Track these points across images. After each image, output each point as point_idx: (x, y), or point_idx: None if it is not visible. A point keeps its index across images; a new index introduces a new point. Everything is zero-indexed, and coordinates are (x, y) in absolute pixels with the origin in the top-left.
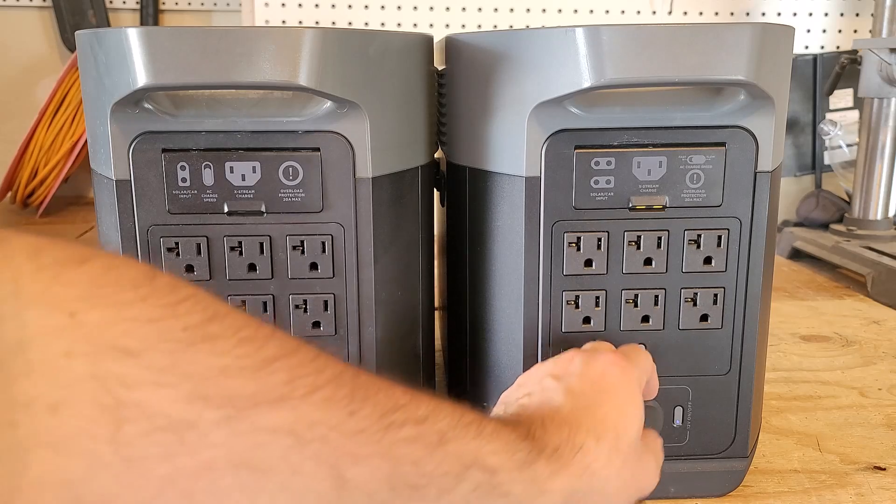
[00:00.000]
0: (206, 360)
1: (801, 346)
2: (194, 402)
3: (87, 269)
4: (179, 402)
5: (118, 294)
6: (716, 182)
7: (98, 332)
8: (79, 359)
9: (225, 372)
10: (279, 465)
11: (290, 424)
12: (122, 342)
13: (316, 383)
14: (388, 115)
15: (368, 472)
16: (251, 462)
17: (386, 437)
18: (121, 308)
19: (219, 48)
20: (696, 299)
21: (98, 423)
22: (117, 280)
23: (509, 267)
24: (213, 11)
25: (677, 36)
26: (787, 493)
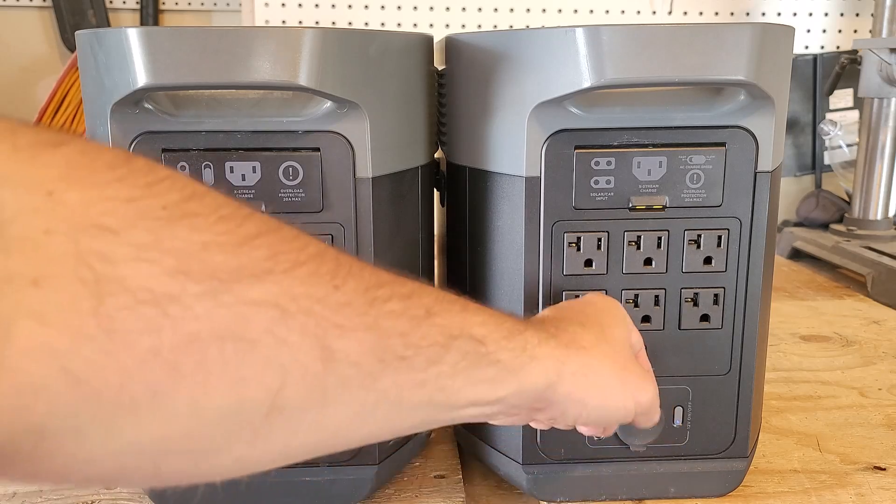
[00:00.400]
0: (187, 236)
1: (801, 346)
2: (176, 277)
3: (64, 151)
4: (162, 277)
5: (95, 175)
6: (716, 182)
7: (77, 210)
8: (59, 236)
9: (206, 248)
10: (264, 337)
11: (274, 297)
12: (102, 220)
13: (298, 259)
14: (388, 115)
15: (355, 343)
16: (235, 334)
17: (371, 310)
18: (99, 188)
19: (219, 48)
20: (697, 299)
21: (81, 297)
22: (93, 162)
23: (509, 267)
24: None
25: (677, 36)
26: (787, 493)
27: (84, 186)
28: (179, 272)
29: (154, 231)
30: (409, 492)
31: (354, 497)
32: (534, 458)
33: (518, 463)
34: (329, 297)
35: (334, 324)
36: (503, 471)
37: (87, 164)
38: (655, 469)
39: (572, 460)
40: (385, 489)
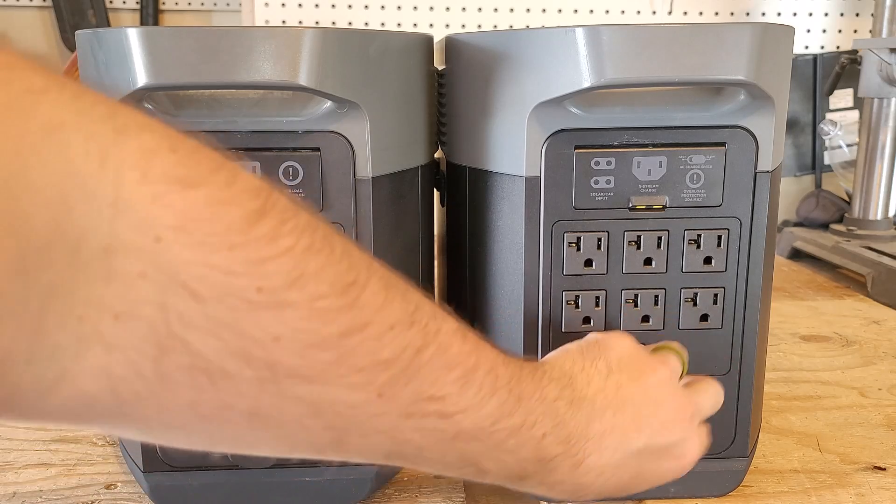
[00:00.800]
0: (267, 327)
1: (801, 346)
2: (238, 358)
3: (191, 197)
4: (224, 355)
5: (210, 236)
6: (716, 182)
7: (176, 266)
8: (151, 284)
9: (278, 341)
10: (292, 424)
11: (317, 400)
12: (194, 286)
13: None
14: (388, 115)
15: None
16: (268, 416)
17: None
18: (206, 251)
19: (219, 48)
20: (696, 299)
21: (149, 343)
22: (216, 217)
23: (509, 267)
24: (213, 11)
25: (677, 36)
26: (787, 493)
27: (192, 245)
28: (243, 355)
29: (238, 312)
30: (409, 492)
31: (354, 497)
32: None
33: None
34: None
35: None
36: None
37: (207, 218)
38: None
39: None
40: (385, 489)
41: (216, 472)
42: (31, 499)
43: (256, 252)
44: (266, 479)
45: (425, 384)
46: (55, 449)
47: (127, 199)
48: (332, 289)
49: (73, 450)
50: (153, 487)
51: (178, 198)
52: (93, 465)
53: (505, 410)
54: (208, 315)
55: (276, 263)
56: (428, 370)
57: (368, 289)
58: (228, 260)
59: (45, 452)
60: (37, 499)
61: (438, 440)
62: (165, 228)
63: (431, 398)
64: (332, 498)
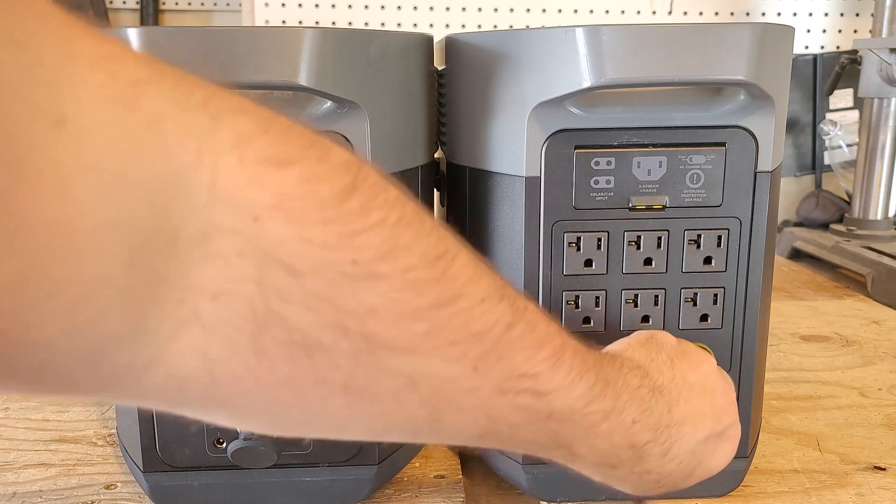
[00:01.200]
0: (363, 298)
1: (801, 346)
2: (334, 331)
3: (286, 176)
4: (322, 328)
5: (305, 212)
6: (716, 182)
7: (274, 244)
8: (249, 262)
9: (374, 313)
10: (387, 399)
11: (412, 371)
12: (292, 261)
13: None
14: (388, 115)
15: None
16: (364, 390)
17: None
18: (302, 227)
19: (219, 48)
20: (696, 299)
21: (247, 321)
22: (309, 195)
23: (509, 267)
24: (213, 11)
25: (677, 36)
26: (787, 493)
27: (289, 221)
28: (339, 327)
29: (334, 284)
30: (409, 492)
31: (354, 497)
32: (534, 458)
33: (518, 463)
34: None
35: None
36: (503, 471)
37: (302, 195)
38: None
39: None
40: (385, 489)
41: (216, 472)
42: (31, 499)
43: (349, 225)
44: (266, 479)
45: (517, 360)
46: (55, 449)
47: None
48: (423, 261)
49: (73, 450)
50: (153, 487)
51: (273, 177)
52: (93, 466)
53: (595, 393)
54: (305, 289)
55: (369, 236)
56: (519, 346)
57: (458, 262)
58: (323, 234)
59: (45, 452)
60: (37, 499)
61: (532, 419)
62: (262, 208)
63: (524, 375)
64: (332, 498)
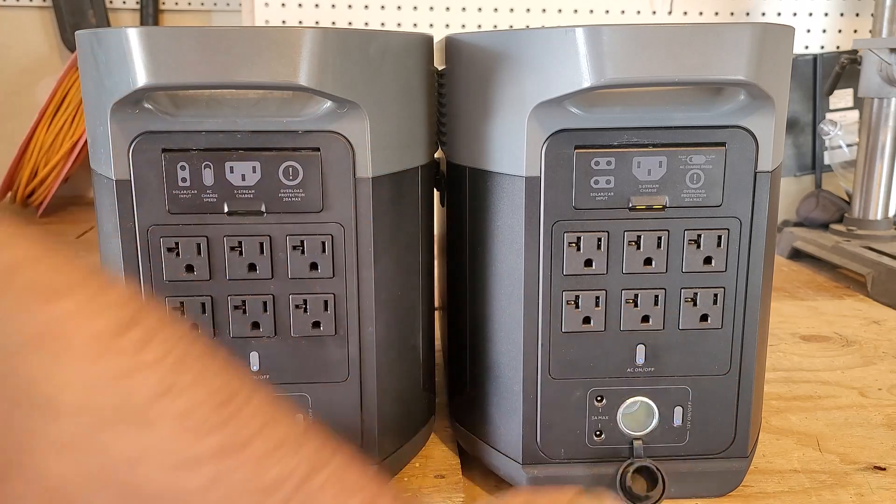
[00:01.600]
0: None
1: (801, 346)
2: (97, 482)
3: (54, 308)
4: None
5: (69, 347)
6: (716, 182)
7: (27, 380)
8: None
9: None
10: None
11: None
12: (47, 402)
13: (239, 490)
14: (388, 115)
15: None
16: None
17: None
18: (64, 363)
19: (219, 48)
20: (696, 299)
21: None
22: (77, 329)
23: (509, 267)
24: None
25: (677, 36)
26: (787, 493)
27: (51, 356)
28: (101, 478)
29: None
30: (409, 492)
31: None
32: (534, 458)
33: (518, 463)
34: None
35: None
36: (503, 471)
37: (69, 329)
38: None
39: (572, 460)
40: None
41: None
42: None
43: (119, 364)
44: None
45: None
46: None
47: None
48: (206, 404)
49: None
50: None
51: (40, 309)
52: None
53: None
54: (63, 432)
55: (142, 376)
56: (321, 499)
57: (250, 406)
58: (88, 373)
59: None
60: None
61: None
62: (23, 340)
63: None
64: None
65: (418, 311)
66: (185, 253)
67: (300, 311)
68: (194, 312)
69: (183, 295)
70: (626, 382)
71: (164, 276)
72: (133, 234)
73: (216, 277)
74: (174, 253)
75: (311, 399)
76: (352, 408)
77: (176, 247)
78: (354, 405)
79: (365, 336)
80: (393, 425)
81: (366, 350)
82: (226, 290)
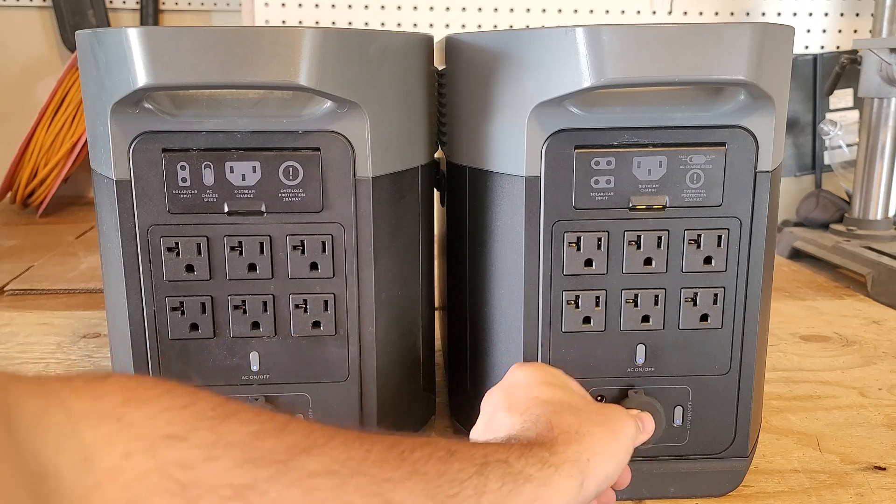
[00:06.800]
0: (240, 428)
1: (801, 346)
2: (245, 466)
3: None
4: (234, 470)
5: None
6: (716, 182)
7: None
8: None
9: (258, 435)
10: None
11: (327, 466)
12: (169, 429)
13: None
14: (388, 115)
15: (407, 493)
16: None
17: (404, 462)
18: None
19: (219, 48)
20: (696, 299)
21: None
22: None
23: (509, 267)
24: (213, 11)
25: (677, 36)
26: (787, 493)
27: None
28: (246, 462)
29: (213, 429)
30: None
31: None
32: None
33: None
34: (368, 459)
35: (384, 478)
36: None
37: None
38: (655, 469)
39: None
40: None
41: None
42: None
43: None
44: None
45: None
46: None
47: (76, 406)
48: (241, 403)
49: None
50: None
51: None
52: None
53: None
54: (197, 444)
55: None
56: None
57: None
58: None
59: None
60: None
61: (441, 460)
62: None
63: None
64: None
65: (418, 311)
66: (185, 253)
67: (300, 311)
68: (194, 312)
69: (183, 295)
70: (626, 382)
71: (165, 276)
72: (133, 234)
73: (216, 277)
74: (174, 253)
75: (311, 399)
76: (352, 408)
77: (176, 247)
78: (354, 405)
79: (365, 336)
80: (393, 425)
81: (366, 350)
82: (226, 289)
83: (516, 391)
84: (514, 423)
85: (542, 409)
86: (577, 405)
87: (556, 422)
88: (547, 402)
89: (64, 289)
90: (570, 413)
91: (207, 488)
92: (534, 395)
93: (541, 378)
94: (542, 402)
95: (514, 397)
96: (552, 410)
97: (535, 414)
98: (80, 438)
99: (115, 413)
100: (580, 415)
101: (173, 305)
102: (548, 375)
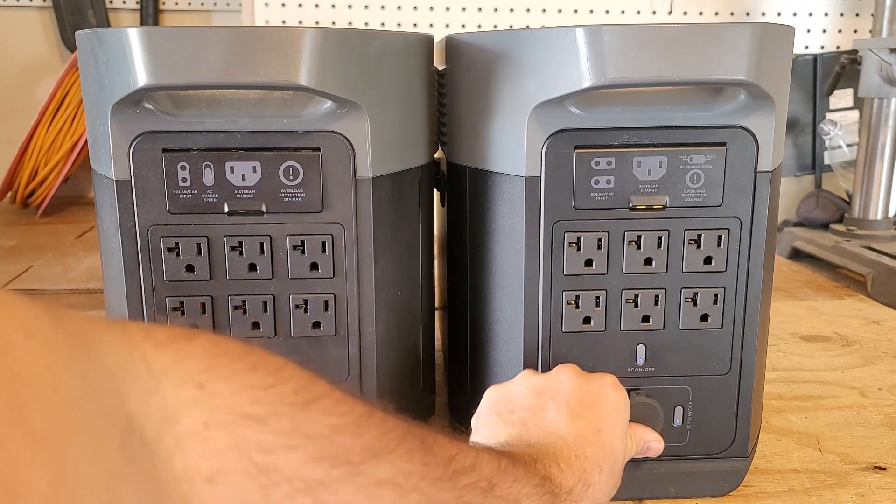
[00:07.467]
0: (320, 419)
1: (801, 346)
2: (320, 463)
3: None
4: (309, 464)
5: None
6: (716, 182)
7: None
8: (218, 429)
9: (336, 430)
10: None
11: (392, 476)
12: (250, 409)
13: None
14: (389, 115)
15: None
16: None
17: (456, 484)
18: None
19: (219, 48)
20: (697, 299)
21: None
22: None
23: (509, 267)
24: (213, 11)
25: (677, 36)
26: (787, 493)
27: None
28: (321, 457)
29: (293, 417)
30: None
31: None
32: None
33: None
34: (426, 474)
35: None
36: None
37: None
38: (655, 469)
39: None
40: None
41: None
42: None
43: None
44: None
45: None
46: None
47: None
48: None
49: None
50: None
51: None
52: None
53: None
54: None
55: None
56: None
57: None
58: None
59: None
60: None
61: (483, 491)
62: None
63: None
64: None
65: (418, 311)
66: (186, 253)
67: (300, 311)
68: (194, 312)
69: (183, 295)
70: (626, 382)
71: (165, 276)
72: (133, 234)
73: (216, 277)
74: (174, 253)
75: None
76: None
77: (176, 247)
78: None
79: (365, 336)
80: None
81: (366, 350)
82: (226, 290)
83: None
84: (521, 447)
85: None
86: (590, 453)
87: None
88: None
89: (64, 289)
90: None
91: (284, 477)
92: (561, 436)
93: (569, 410)
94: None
95: (540, 422)
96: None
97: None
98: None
99: (198, 379)
100: (589, 462)
101: (173, 305)
102: (582, 398)
